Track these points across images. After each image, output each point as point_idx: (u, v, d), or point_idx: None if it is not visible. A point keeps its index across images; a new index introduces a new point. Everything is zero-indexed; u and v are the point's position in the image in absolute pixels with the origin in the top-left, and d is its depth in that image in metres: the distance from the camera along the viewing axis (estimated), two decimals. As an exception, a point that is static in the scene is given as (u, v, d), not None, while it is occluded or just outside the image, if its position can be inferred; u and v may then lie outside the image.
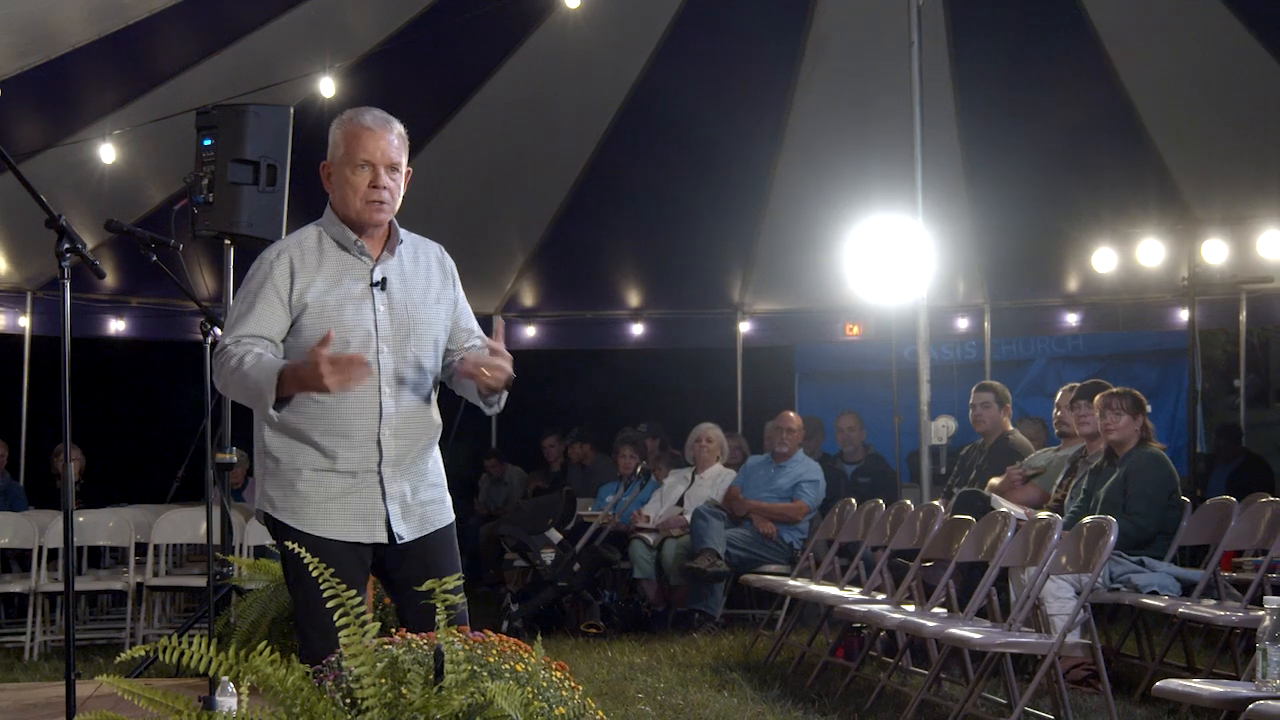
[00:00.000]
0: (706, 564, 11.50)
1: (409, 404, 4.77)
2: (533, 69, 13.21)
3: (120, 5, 10.53)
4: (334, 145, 4.85)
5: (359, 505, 4.71)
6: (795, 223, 14.70)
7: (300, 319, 4.69)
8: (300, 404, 4.63)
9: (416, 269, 4.90)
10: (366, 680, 3.35)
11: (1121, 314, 15.81)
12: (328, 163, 4.87)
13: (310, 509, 4.68)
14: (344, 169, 4.78)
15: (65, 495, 4.80)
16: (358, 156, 4.76)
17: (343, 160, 4.79)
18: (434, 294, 4.90)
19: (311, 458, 4.69)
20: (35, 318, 14.49)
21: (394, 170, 4.81)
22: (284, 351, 4.71)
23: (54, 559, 11.00)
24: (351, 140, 4.79)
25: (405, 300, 4.80)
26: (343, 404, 4.64)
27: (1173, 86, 13.39)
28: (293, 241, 4.83)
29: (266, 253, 4.82)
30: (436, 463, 4.95)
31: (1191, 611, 7.65)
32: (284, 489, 4.72)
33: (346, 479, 4.69)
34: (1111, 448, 8.96)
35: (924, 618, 7.96)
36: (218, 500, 8.01)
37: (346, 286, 4.74)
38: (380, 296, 4.75)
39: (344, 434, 4.68)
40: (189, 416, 10.35)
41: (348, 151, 4.79)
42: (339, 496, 4.69)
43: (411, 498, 4.79)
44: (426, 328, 4.84)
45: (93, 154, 12.17)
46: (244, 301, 4.72)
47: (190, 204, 7.98)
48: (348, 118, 4.87)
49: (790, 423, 12.32)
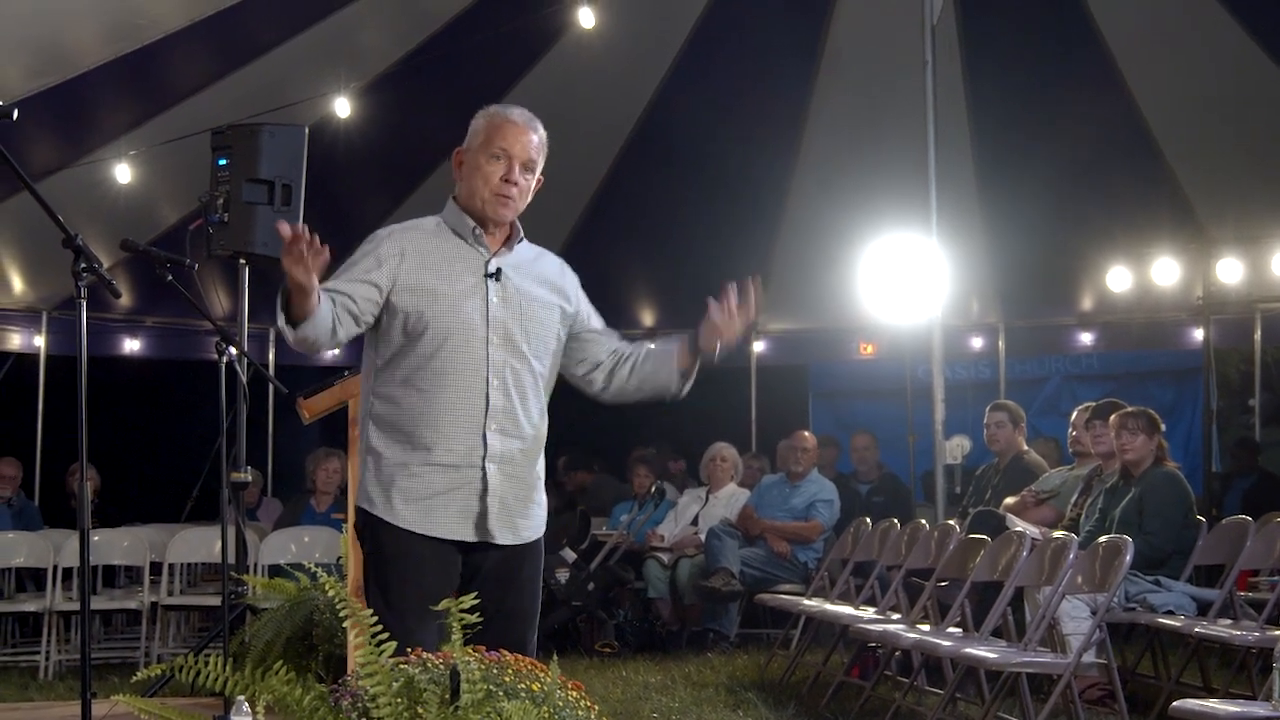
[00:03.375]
0: (721, 583, 11.48)
1: (517, 401, 4.66)
2: (548, 88, 13.20)
3: (135, 26, 10.56)
4: (473, 133, 4.75)
5: (461, 501, 4.57)
6: (809, 242, 14.68)
7: (402, 301, 4.58)
8: (403, 396, 4.56)
9: (534, 270, 4.82)
10: (383, 700, 3.35)
11: (1136, 333, 15.77)
12: (462, 149, 4.77)
13: (411, 506, 4.54)
14: (479, 156, 4.70)
15: (81, 514, 4.78)
16: (495, 145, 4.68)
17: (480, 147, 4.70)
18: (550, 300, 4.81)
19: (413, 453, 4.55)
20: (51, 337, 14.49)
21: (527, 169, 4.72)
22: (383, 336, 4.64)
23: (69, 578, 11.01)
24: (493, 130, 4.71)
25: (520, 297, 4.70)
26: (446, 395, 4.54)
27: (1187, 105, 13.36)
28: (409, 224, 4.77)
29: (379, 231, 4.75)
30: (541, 472, 4.82)
31: (1208, 631, 7.63)
32: (384, 486, 4.57)
33: (450, 474, 4.55)
34: (1127, 467, 8.94)
35: (939, 637, 7.94)
36: (232, 520, 7.99)
37: (458, 274, 4.64)
38: (494, 288, 4.65)
39: (449, 425, 4.56)
40: (204, 436, 10.38)
41: (487, 139, 4.70)
42: (442, 493, 4.55)
43: (513, 501, 4.65)
44: (540, 327, 4.74)
45: (108, 174, 12.20)
46: (347, 265, 4.64)
47: (205, 224, 7.99)
48: (494, 110, 4.77)
49: (805, 442, 12.31)
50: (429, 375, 4.57)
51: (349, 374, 5.75)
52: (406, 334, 4.57)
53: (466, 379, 4.56)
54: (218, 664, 3.50)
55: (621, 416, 17.57)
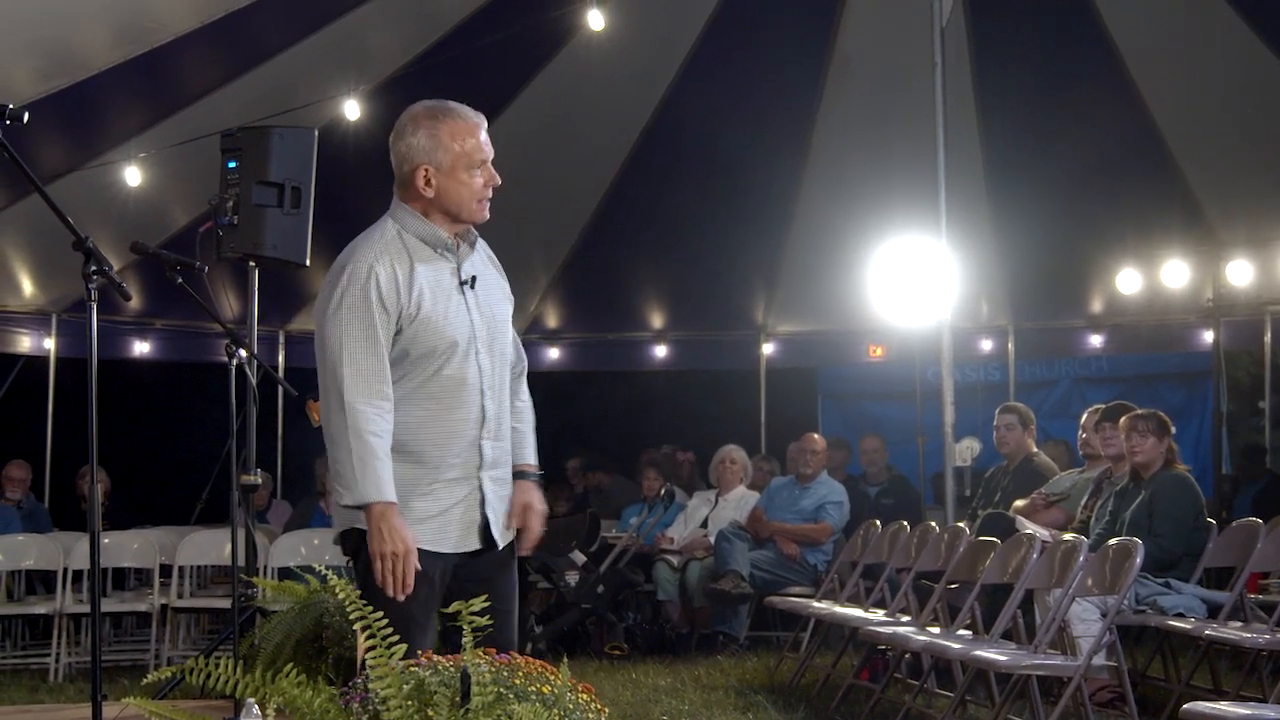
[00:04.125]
0: (730, 586, 11.47)
1: (503, 406, 4.67)
2: (557, 91, 13.22)
3: (145, 29, 10.56)
4: (436, 146, 4.56)
5: (465, 514, 4.58)
6: (819, 244, 14.67)
7: (407, 329, 4.48)
8: (407, 415, 4.48)
9: (484, 265, 4.76)
10: (393, 702, 3.34)
11: (1146, 335, 15.77)
12: (426, 165, 4.55)
13: (424, 525, 4.49)
14: (458, 174, 4.56)
15: (91, 517, 4.78)
16: (476, 157, 4.58)
17: (457, 163, 4.56)
18: (502, 292, 4.78)
19: (422, 471, 4.52)
20: (61, 340, 14.50)
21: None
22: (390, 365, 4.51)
23: (79, 581, 11.02)
24: (464, 139, 4.57)
25: (486, 298, 4.66)
26: (453, 410, 4.52)
27: (1197, 107, 13.36)
28: (376, 249, 4.53)
29: (354, 269, 4.50)
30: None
31: (1218, 633, 7.62)
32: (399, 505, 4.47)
33: (455, 488, 4.55)
34: (1137, 470, 8.92)
35: (949, 640, 7.94)
36: (242, 522, 7.99)
37: (443, 290, 4.55)
38: (470, 296, 4.60)
39: (453, 439, 4.54)
40: (213, 438, 10.40)
41: (465, 153, 4.56)
42: (450, 508, 4.55)
43: (499, 503, 4.66)
44: (502, 324, 4.72)
45: (118, 176, 12.20)
46: (363, 339, 4.43)
47: (215, 226, 7.99)
48: (441, 113, 4.61)
49: (814, 444, 12.31)
50: (432, 392, 4.53)
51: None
52: (408, 357, 4.51)
53: (466, 392, 4.55)
54: (228, 666, 3.50)
55: (631, 419, 17.63)
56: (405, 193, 4.64)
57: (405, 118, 4.66)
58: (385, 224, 4.63)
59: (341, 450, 4.38)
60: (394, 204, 4.67)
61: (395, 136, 4.65)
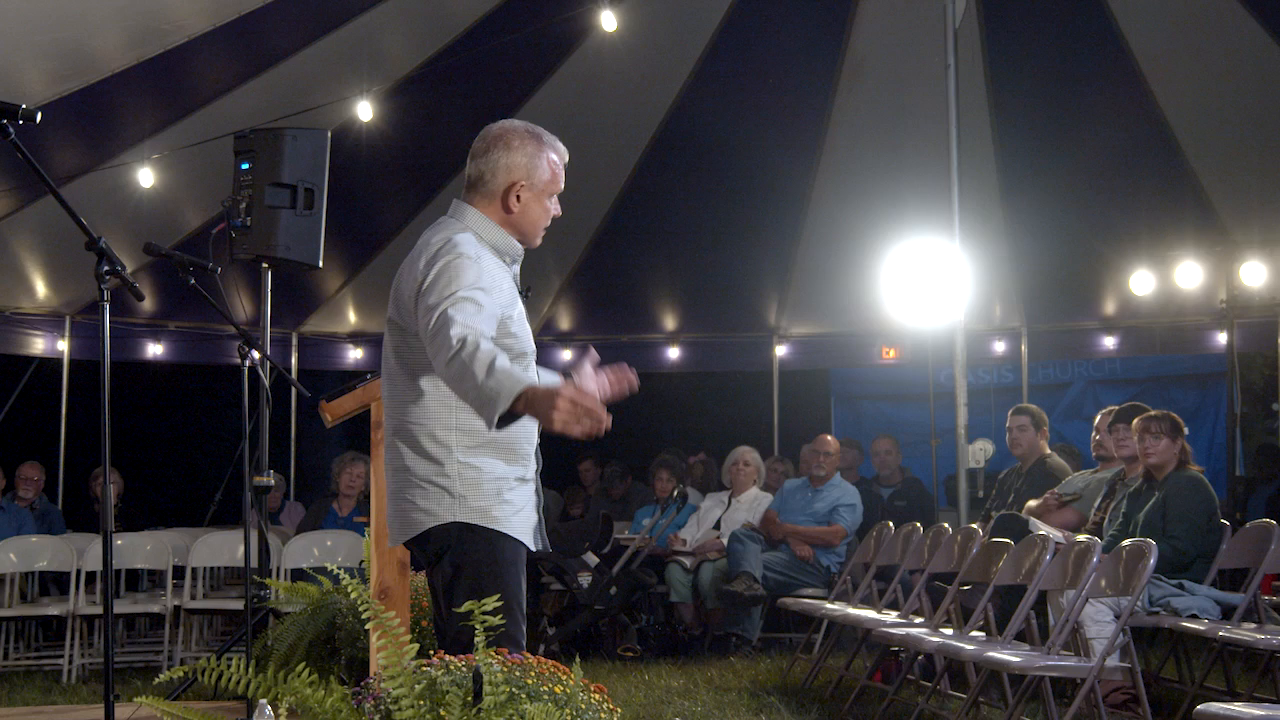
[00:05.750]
0: (743, 587, 11.46)
1: None
2: (570, 92, 13.22)
3: (158, 30, 10.58)
4: (540, 169, 4.75)
5: (532, 513, 4.69)
6: (831, 246, 14.68)
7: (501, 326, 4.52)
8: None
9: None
10: (405, 702, 3.35)
11: (1159, 337, 15.75)
12: (524, 184, 4.71)
13: (519, 517, 4.59)
14: (543, 196, 4.76)
15: (104, 518, 4.79)
16: (558, 187, 4.81)
17: (546, 187, 4.76)
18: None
19: (512, 468, 4.60)
20: (74, 341, 14.54)
21: None
22: None
23: (92, 582, 11.04)
24: (558, 173, 4.80)
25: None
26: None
27: (1209, 108, 13.34)
28: (468, 240, 4.57)
29: (456, 239, 4.54)
30: None
31: (1232, 635, 7.60)
32: (491, 499, 4.53)
33: (529, 487, 4.68)
34: (1150, 471, 8.90)
35: (962, 641, 7.93)
36: (255, 523, 8.02)
37: (515, 297, 4.67)
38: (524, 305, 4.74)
39: (531, 439, 4.68)
40: (226, 440, 10.43)
41: (555, 181, 4.78)
42: (526, 506, 4.65)
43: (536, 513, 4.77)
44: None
45: (131, 178, 12.22)
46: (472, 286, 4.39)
47: (228, 227, 8.01)
48: (544, 137, 4.84)
49: (827, 446, 12.30)
50: None
51: (371, 377, 5.74)
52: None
53: None
54: (241, 667, 3.50)
55: (643, 421, 17.64)
56: (487, 203, 4.72)
57: (506, 132, 4.78)
58: (462, 229, 4.64)
59: (468, 381, 4.13)
60: (464, 210, 4.73)
61: (492, 147, 4.74)
